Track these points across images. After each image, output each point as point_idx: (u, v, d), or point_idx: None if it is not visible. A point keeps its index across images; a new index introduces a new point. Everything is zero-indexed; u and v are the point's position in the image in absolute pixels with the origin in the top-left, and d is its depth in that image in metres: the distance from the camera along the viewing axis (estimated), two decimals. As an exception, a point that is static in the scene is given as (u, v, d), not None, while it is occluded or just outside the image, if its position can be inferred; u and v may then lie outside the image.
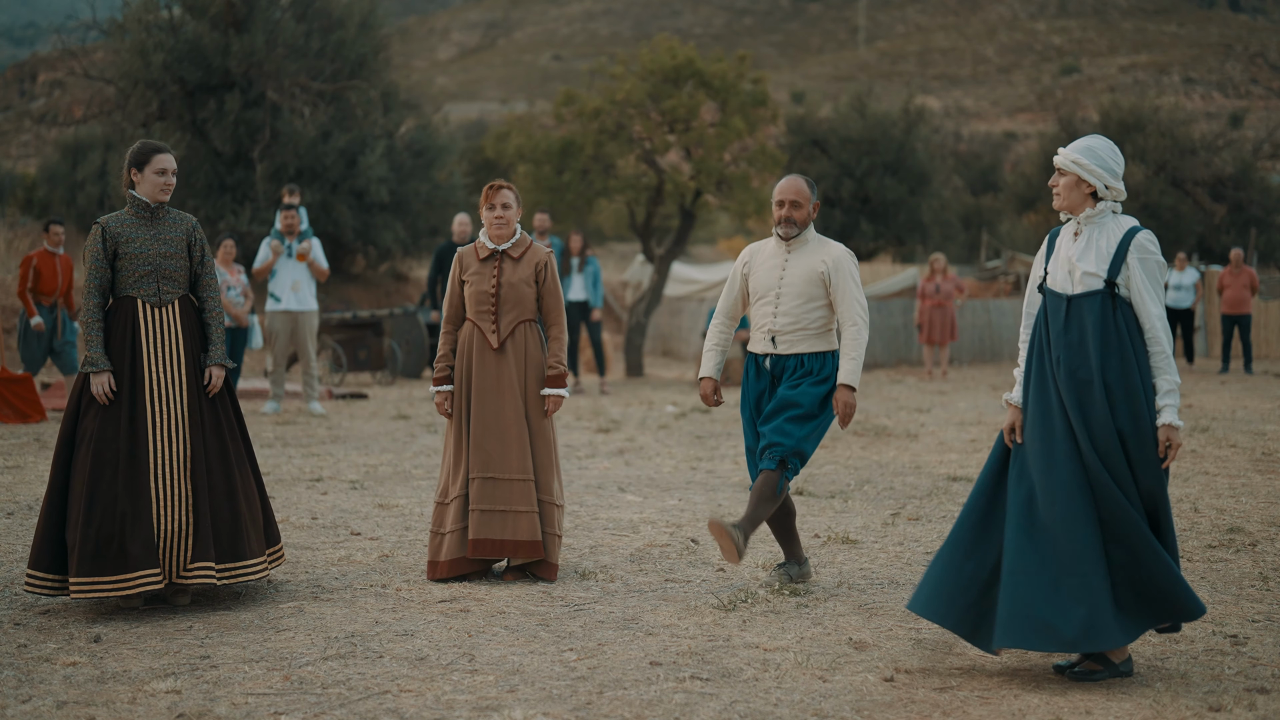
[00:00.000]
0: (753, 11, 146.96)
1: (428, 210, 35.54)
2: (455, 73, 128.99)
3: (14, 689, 5.90)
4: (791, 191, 7.76)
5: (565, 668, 6.24)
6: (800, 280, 7.70)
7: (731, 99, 25.19)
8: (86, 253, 7.54)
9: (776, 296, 7.74)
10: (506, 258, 8.27)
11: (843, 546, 9.08)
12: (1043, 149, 42.53)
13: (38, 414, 16.45)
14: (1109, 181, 6.18)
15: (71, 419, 7.45)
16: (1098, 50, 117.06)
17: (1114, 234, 6.16)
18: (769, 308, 7.77)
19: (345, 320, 24.05)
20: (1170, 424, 5.98)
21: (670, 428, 16.47)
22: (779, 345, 7.73)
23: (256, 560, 7.55)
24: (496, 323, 8.19)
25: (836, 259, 7.71)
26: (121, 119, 34.54)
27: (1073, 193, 6.23)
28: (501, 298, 8.19)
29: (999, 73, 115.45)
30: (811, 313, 7.69)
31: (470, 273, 8.30)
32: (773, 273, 7.80)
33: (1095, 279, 6.11)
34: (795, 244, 7.79)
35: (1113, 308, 6.09)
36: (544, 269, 8.28)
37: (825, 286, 7.69)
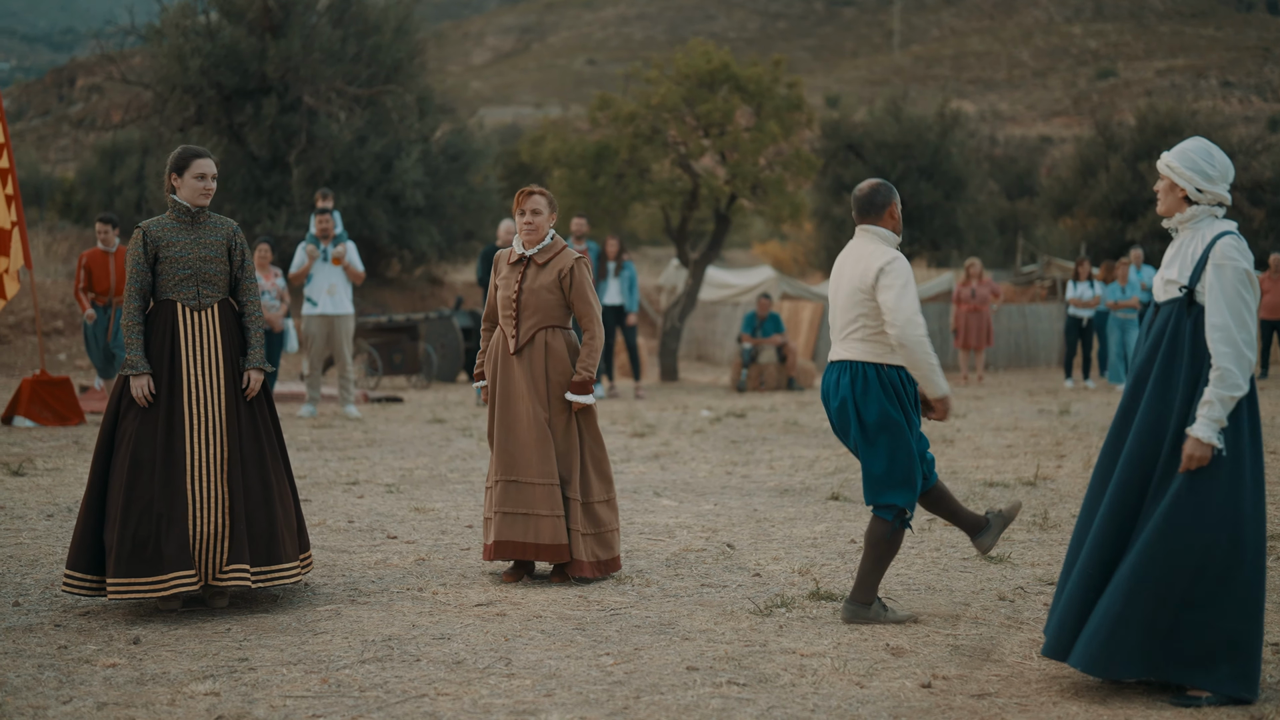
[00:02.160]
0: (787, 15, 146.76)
1: (463, 214, 35.62)
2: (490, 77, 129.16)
3: (55, 690, 5.93)
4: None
5: (602, 672, 6.25)
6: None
7: (766, 103, 25.16)
8: (128, 257, 7.59)
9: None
10: (532, 264, 8.28)
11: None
12: (1079, 153, 42.37)
13: (76, 416, 16.53)
14: (1201, 184, 6.03)
15: (111, 421, 7.50)
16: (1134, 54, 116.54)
17: (1204, 239, 6.01)
18: None
19: (381, 324, 24.10)
20: (1195, 435, 5.78)
21: (705, 432, 16.46)
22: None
23: (291, 564, 7.57)
24: (517, 328, 8.21)
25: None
26: (159, 123, 34.73)
27: (1169, 196, 6.13)
28: (522, 304, 8.21)
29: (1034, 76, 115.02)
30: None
31: (501, 277, 8.35)
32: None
33: (1174, 286, 6.01)
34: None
35: (1187, 315, 5.95)
36: (568, 274, 8.23)
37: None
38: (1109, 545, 5.97)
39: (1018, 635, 6.95)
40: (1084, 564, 6.02)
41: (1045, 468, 13.06)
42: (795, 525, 10.12)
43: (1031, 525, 10.01)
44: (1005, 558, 8.76)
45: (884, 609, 7.22)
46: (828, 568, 8.56)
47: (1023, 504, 7.78)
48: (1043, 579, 8.20)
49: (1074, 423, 17.25)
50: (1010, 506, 7.58)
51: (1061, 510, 10.67)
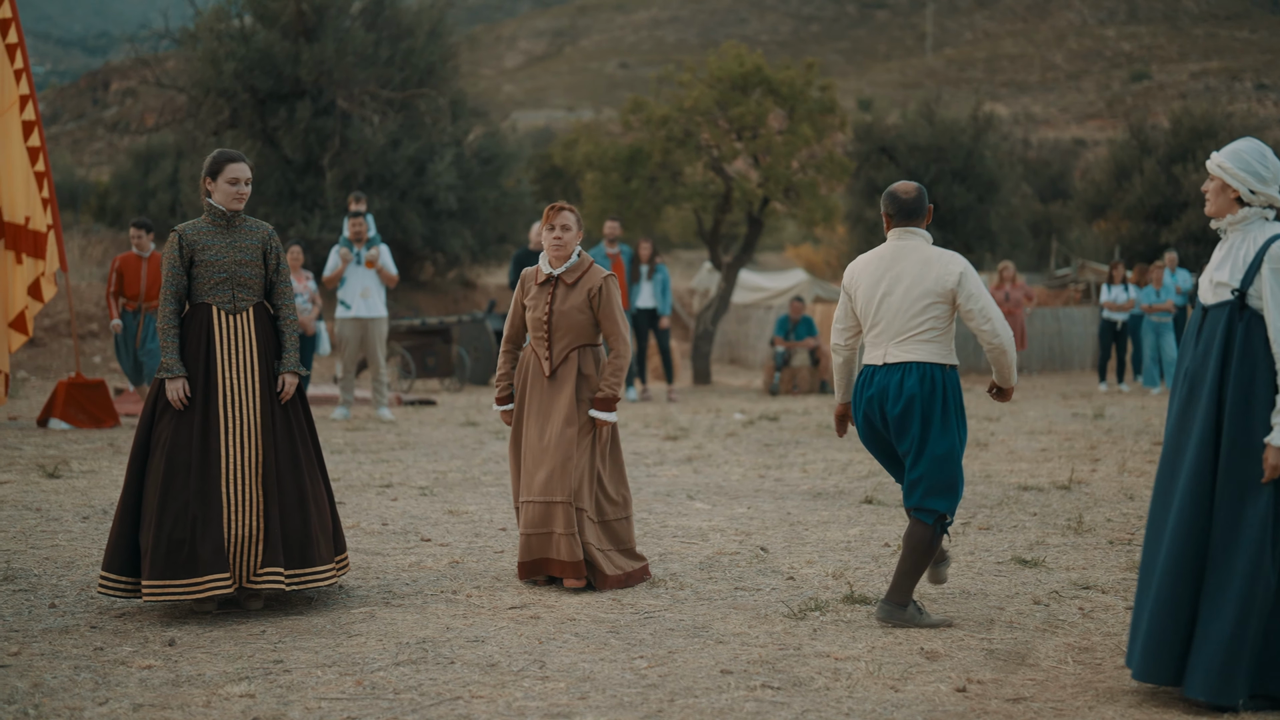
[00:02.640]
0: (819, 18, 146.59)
1: (496, 217, 35.67)
2: (522, 80, 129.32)
3: (91, 691, 5.95)
4: None
5: (636, 675, 6.24)
6: None
7: (799, 106, 25.14)
8: (164, 259, 7.63)
9: None
10: (561, 284, 8.20)
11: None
12: (1113, 156, 42.20)
13: (111, 419, 16.59)
14: (1255, 186, 5.93)
15: (147, 424, 7.53)
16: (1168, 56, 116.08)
17: (1256, 241, 5.91)
18: None
19: (414, 327, 24.14)
20: (1275, 445, 5.71)
21: (738, 435, 16.45)
22: None
23: (326, 567, 7.59)
24: (550, 349, 8.15)
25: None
26: (193, 127, 34.89)
27: (1219, 198, 6.02)
28: (553, 325, 8.14)
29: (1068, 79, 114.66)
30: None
31: (529, 297, 8.28)
32: None
33: (1225, 289, 5.91)
34: None
35: (1240, 318, 5.86)
36: (599, 293, 8.15)
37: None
38: (1188, 560, 5.86)
39: (1053, 639, 6.93)
40: (1165, 585, 5.90)
41: (1080, 471, 13.01)
42: (829, 529, 10.11)
43: (1066, 529, 9.98)
44: (1040, 562, 8.73)
45: (919, 612, 7.20)
46: (862, 571, 8.54)
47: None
48: (1077, 583, 8.17)
49: (1108, 426, 17.19)
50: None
51: (1096, 514, 10.64)
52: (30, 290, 16.18)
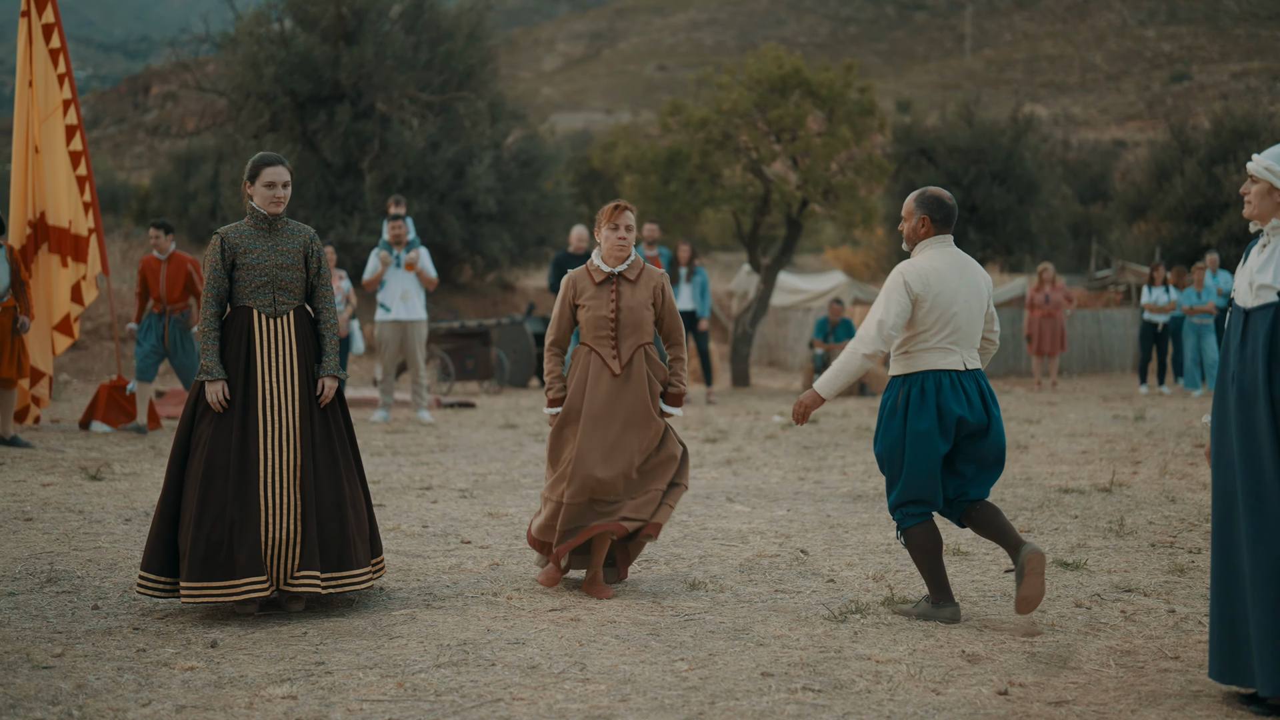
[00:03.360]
0: (858, 20, 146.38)
1: (534, 220, 35.73)
2: (560, 83, 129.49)
3: (134, 693, 5.98)
4: (904, 205, 7.60)
5: (677, 677, 6.24)
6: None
7: (838, 108, 25.09)
8: (206, 263, 7.66)
9: None
10: (624, 280, 8.11)
11: (954, 558, 9.01)
12: (1153, 157, 42.01)
13: (152, 422, 16.65)
14: None
15: (187, 426, 7.56)
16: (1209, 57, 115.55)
17: None
18: None
19: (453, 329, 24.19)
20: None
21: (777, 438, 16.44)
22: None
23: (362, 570, 7.61)
24: (617, 348, 8.02)
25: (891, 274, 7.46)
26: (233, 131, 35.05)
27: (1263, 201, 5.93)
28: (621, 322, 8.02)
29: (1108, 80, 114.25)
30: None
31: (586, 297, 8.09)
32: None
33: (1270, 291, 5.82)
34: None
35: None
36: (661, 291, 8.14)
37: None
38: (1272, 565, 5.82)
39: (1095, 642, 6.90)
40: (1259, 591, 5.81)
41: (1121, 474, 12.95)
42: (869, 531, 10.09)
43: (1108, 532, 9.93)
44: (1082, 565, 8.69)
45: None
46: (902, 574, 8.52)
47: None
48: (1119, 586, 8.13)
49: (1149, 428, 17.12)
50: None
51: (1137, 517, 10.59)
52: (72, 294, 16.27)
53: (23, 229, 16.11)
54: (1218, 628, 5.98)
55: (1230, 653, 5.90)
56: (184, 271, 16.07)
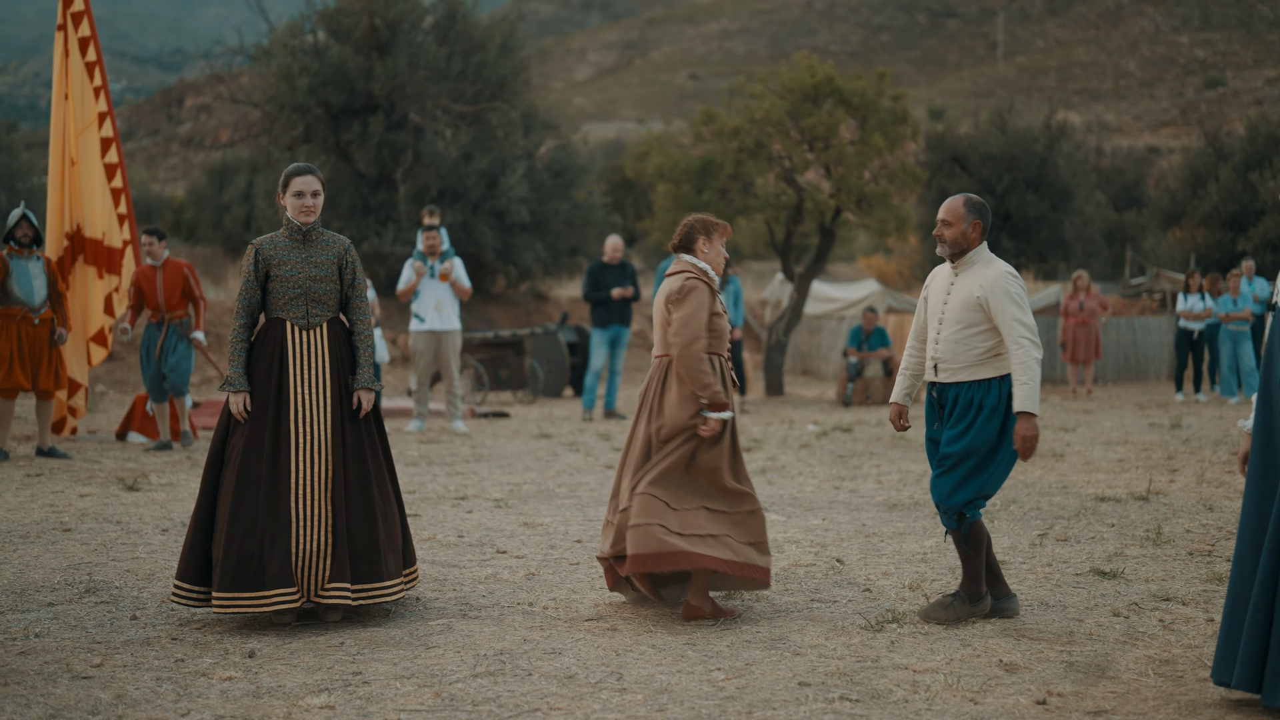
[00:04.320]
0: (890, 28, 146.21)
1: (567, 230, 35.77)
2: (592, 93, 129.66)
3: (173, 702, 6.00)
4: (944, 210, 7.54)
5: (713, 687, 6.24)
6: (960, 305, 7.47)
7: (871, 116, 25.05)
8: (243, 272, 7.69)
9: (939, 322, 7.56)
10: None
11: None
12: (1188, 163, 41.87)
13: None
14: None
15: (221, 437, 7.60)
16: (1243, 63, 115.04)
17: None
18: (934, 334, 7.61)
19: (487, 339, 24.23)
20: None
21: (812, 446, 16.42)
22: (940, 374, 7.54)
23: (393, 582, 7.60)
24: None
25: (993, 280, 7.41)
26: (267, 142, 35.18)
27: None
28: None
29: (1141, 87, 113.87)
30: (971, 339, 7.46)
31: (718, 306, 8.00)
32: (940, 296, 7.62)
33: None
34: (961, 265, 7.56)
35: None
36: None
37: (984, 311, 7.43)
38: None
39: (1133, 652, 6.87)
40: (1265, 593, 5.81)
41: (1158, 482, 12.89)
42: (905, 540, 10.07)
43: (1145, 540, 9.89)
44: (1119, 573, 8.66)
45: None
46: (939, 583, 8.50)
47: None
48: (1157, 595, 8.09)
49: (1186, 436, 17.04)
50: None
51: (1175, 525, 10.54)
52: (105, 305, 16.35)
53: (60, 241, 16.20)
54: (1228, 630, 5.97)
55: (1250, 658, 5.87)
56: (180, 277, 15.66)
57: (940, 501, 7.45)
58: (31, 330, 14.77)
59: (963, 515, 7.43)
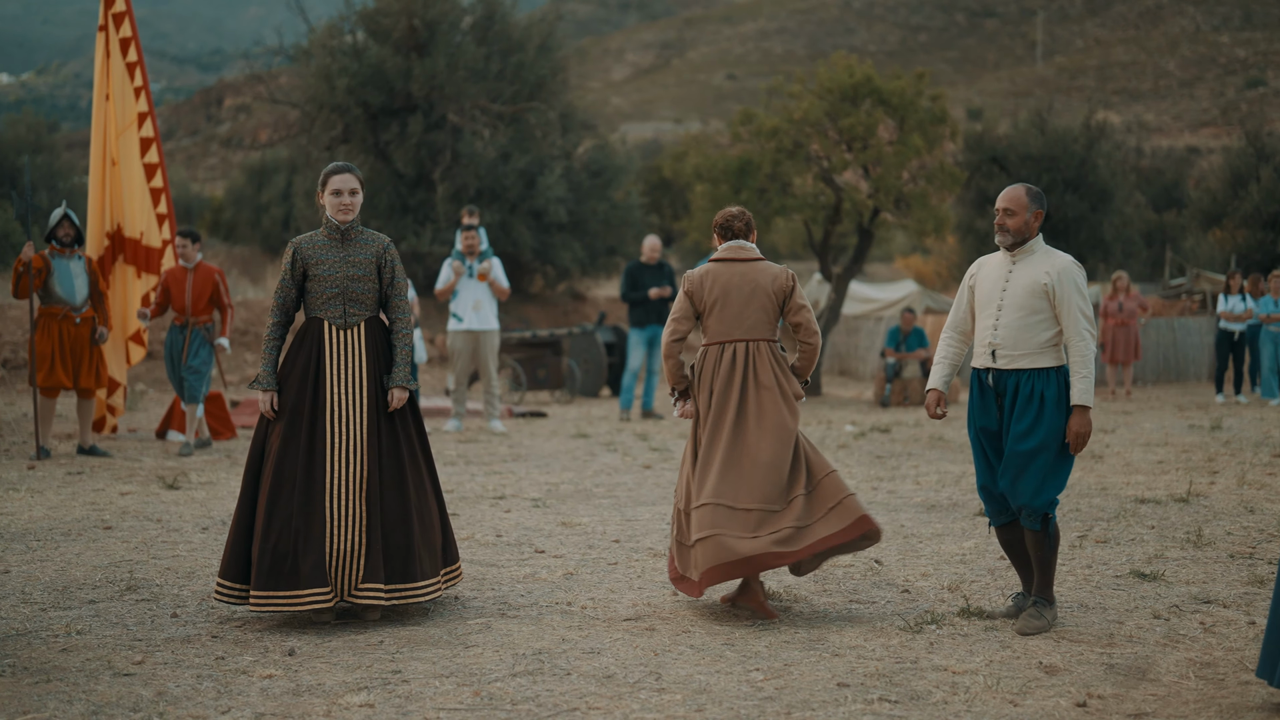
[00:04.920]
0: (928, 28, 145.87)
1: (605, 230, 35.79)
2: (630, 93, 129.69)
3: (214, 700, 6.03)
4: (1006, 199, 7.52)
5: (752, 688, 6.23)
6: (1023, 292, 7.42)
7: (910, 116, 25.00)
8: (282, 270, 7.75)
9: (997, 309, 7.49)
10: None
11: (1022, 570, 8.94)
12: (1228, 164, 41.63)
13: (228, 431, 16.78)
14: None
15: (261, 434, 7.64)
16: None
17: None
18: (990, 320, 7.53)
19: (525, 339, 24.26)
20: None
21: (849, 447, 16.38)
22: (999, 360, 7.48)
23: (429, 582, 7.60)
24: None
25: (1061, 269, 7.40)
26: (306, 142, 35.31)
27: None
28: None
29: (1181, 86, 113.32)
30: (1034, 325, 7.41)
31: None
32: (996, 284, 7.55)
33: None
34: (1020, 254, 7.52)
35: None
36: None
37: (1049, 299, 7.39)
38: None
39: (1174, 654, 6.84)
40: None
41: (1198, 484, 12.82)
42: (943, 541, 10.04)
43: (1185, 542, 9.84)
44: (1159, 575, 8.62)
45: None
46: (977, 584, 8.48)
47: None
48: (1198, 597, 8.05)
49: (1226, 438, 16.94)
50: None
51: (1215, 527, 10.48)
52: (142, 305, 16.41)
53: (100, 240, 16.30)
54: (1273, 630, 5.94)
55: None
56: (210, 282, 15.44)
57: (1026, 502, 7.37)
58: (73, 329, 14.87)
59: (1047, 516, 7.40)
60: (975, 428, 7.62)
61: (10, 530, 10.38)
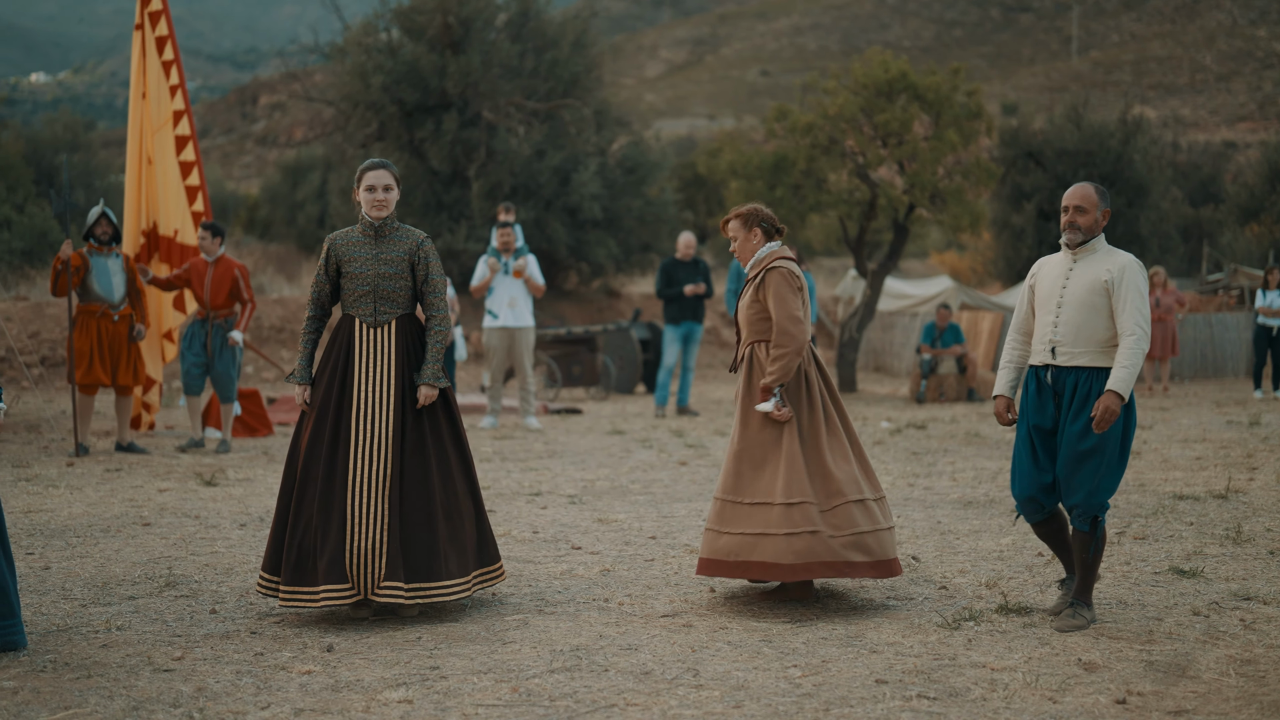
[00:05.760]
0: (962, 23, 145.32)
1: (640, 227, 35.75)
2: (663, 89, 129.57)
3: (253, 695, 6.05)
4: (1076, 197, 7.46)
5: (790, 684, 6.22)
6: (1083, 290, 7.38)
7: (945, 112, 24.93)
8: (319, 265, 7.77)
9: (1057, 306, 7.45)
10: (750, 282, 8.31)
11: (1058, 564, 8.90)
12: (1265, 158, 41.42)
13: (265, 428, 16.85)
14: None
15: (300, 429, 7.66)
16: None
17: None
18: (1050, 318, 7.49)
19: (559, 336, 24.28)
20: None
21: (885, 443, 16.36)
22: (1059, 357, 7.44)
23: (456, 581, 7.53)
24: (736, 346, 8.35)
25: (1124, 267, 7.36)
26: (341, 140, 35.38)
27: None
28: (738, 322, 8.27)
29: (1218, 81, 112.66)
30: (1093, 324, 7.37)
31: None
32: (1056, 282, 7.51)
33: None
34: (1082, 253, 7.48)
35: None
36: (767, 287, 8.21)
37: (1109, 296, 7.35)
38: None
39: (1214, 651, 6.80)
40: None
41: (1237, 480, 12.77)
42: (980, 538, 10.01)
43: (1225, 539, 9.80)
44: (1198, 572, 8.58)
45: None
46: (1015, 581, 8.45)
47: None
48: (1238, 594, 8.01)
49: (1265, 434, 16.86)
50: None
51: (1255, 524, 10.43)
52: (174, 303, 16.49)
53: (136, 238, 16.37)
54: None
55: None
56: (230, 277, 15.34)
57: (1080, 501, 7.34)
58: (111, 327, 14.94)
59: (1096, 519, 7.37)
60: (1028, 424, 7.57)
61: (50, 526, 10.44)
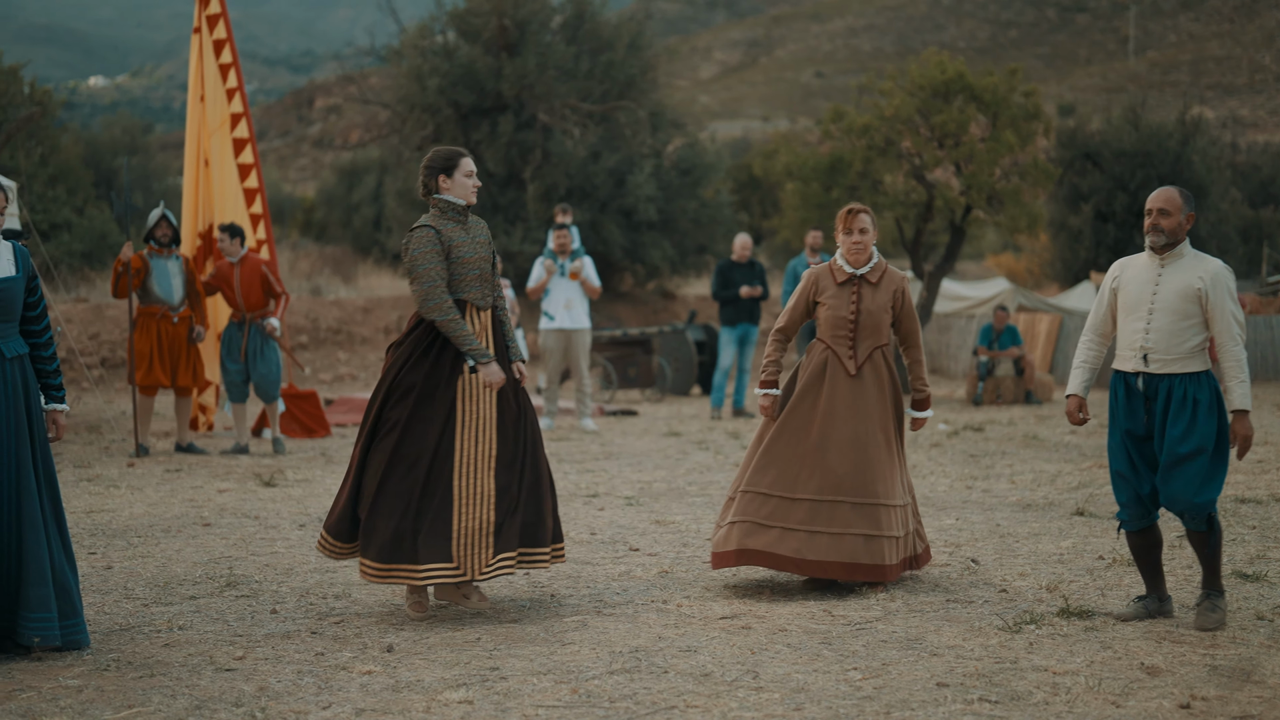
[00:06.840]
0: (1018, 24, 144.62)
1: (695, 228, 35.76)
2: (717, 91, 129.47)
3: (314, 695, 6.08)
4: (1160, 200, 7.44)
5: (850, 687, 6.20)
6: (1175, 296, 7.36)
7: (1002, 113, 24.83)
8: (426, 257, 7.57)
9: (1149, 313, 7.41)
10: (865, 283, 8.37)
11: (1128, 569, 8.85)
12: (1326, 159, 41.05)
13: (323, 429, 16.92)
14: None
15: (378, 408, 7.61)
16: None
17: None
18: (1140, 324, 7.44)
19: (615, 338, 24.29)
20: None
21: (943, 446, 16.29)
22: (1151, 364, 7.39)
23: (546, 549, 7.74)
24: (854, 348, 8.30)
25: (1215, 274, 7.35)
26: (397, 142, 35.55)
27: None
28: (860, 324, 8.31)
29: (1277, 81, 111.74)
30: (1186, 330, 7.34)
31: (827, 295, 8.38)
32: (1145, 288, 7.48)
33: None
34: (1169, 258, 7.45)
35: None
36: (901, 295, 8.37)
37: (1201, 304, 7.33)
38: None
39: (1278, 656, 6.74)
40: None
41: (1299, 483, 12.67)
42: (1040, 541, 9.95)
43: (1288, 543, 9.72)
44: (1262, 576, 8.51)
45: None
46: (1076, 584, 8.40)
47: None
48: (1302, 598, 7.95)
49: (1327, 437, 16.72)
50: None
51: (1319, 527, 10.34)
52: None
53: (193, 240, 16.48)
54: None
55: None
56: (259, 274, 15.19)
57: (1189, 500, 7.32)
58: (171, 328, 15.04)
59: (1211, 515, 7.36)
60: (1120, 431, 7.55)
61: (111, 527, 10.52)
